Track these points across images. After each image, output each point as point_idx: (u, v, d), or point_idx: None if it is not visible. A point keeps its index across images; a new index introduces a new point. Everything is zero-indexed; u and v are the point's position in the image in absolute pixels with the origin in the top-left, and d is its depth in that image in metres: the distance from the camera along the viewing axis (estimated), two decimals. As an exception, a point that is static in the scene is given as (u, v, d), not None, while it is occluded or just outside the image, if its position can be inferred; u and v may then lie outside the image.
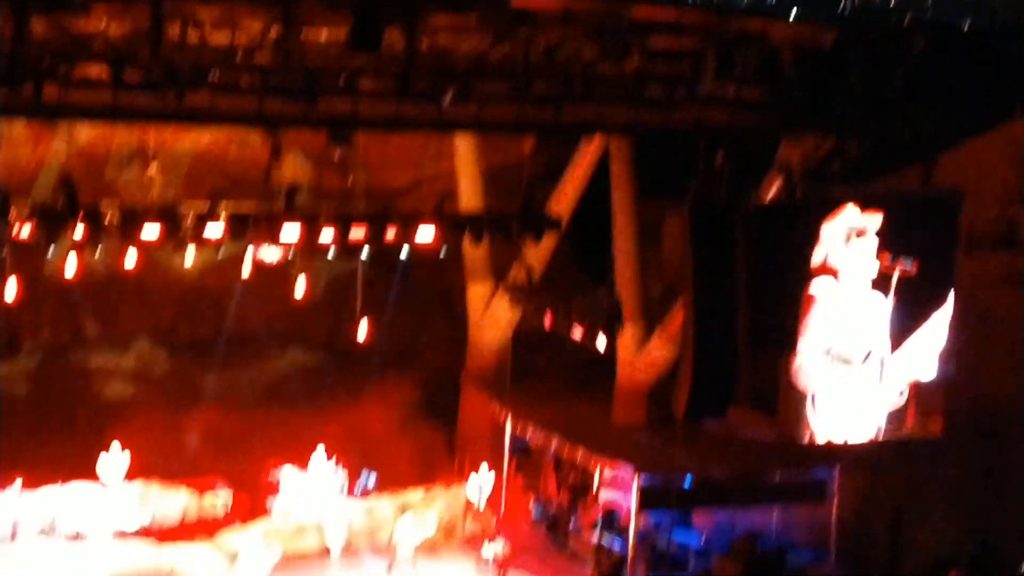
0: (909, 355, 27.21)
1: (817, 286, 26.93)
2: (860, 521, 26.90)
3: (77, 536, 26.33)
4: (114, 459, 27.68)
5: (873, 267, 26.86)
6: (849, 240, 26.77)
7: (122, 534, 26.38)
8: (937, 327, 27.19)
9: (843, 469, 27.28)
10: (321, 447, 29.50)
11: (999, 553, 26.04)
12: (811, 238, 26.76)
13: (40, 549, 25.12)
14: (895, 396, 27.20)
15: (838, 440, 27.16)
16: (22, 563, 24.85)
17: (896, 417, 27.27)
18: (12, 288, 24.40)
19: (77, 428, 29.60)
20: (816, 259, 26.81)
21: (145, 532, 26.87)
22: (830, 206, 26.78)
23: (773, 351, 27.23)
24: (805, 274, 26.90)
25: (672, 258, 30.47)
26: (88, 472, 27.63)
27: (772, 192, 28.01)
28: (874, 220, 26.77)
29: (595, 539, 27.32)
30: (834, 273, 26.93)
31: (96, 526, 26.46)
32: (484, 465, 29.94)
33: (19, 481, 26.79)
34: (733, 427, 27.68)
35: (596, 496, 29.27)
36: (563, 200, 30.96)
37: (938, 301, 27.06)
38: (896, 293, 26.77)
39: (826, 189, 27.65)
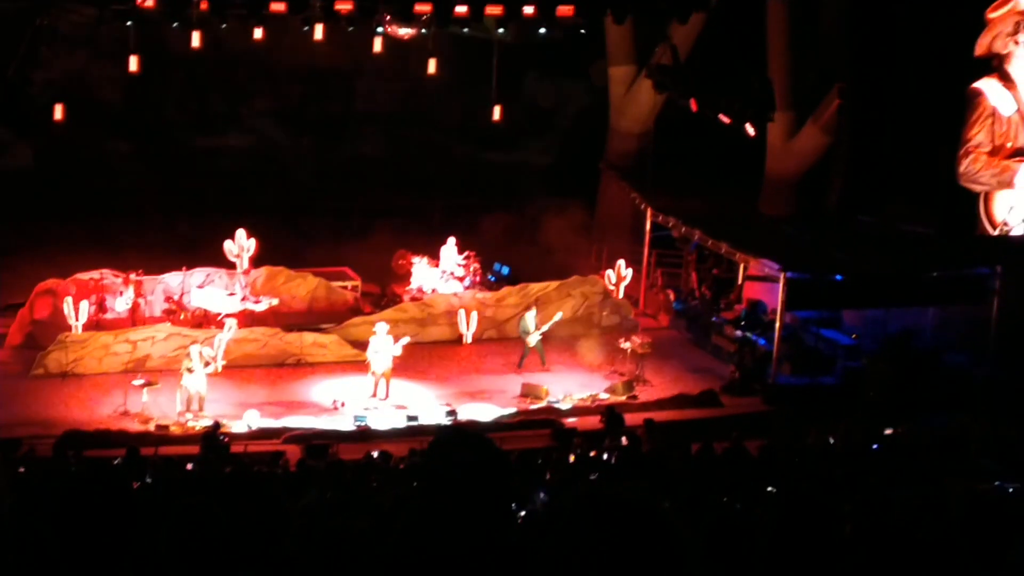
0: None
1: (982, 84, 26.90)
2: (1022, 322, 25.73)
3: (204, 318, 26.39)
4: (240, 244, 27.55)
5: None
6: (1017, 31, 26.58)
7: (249, 319, 26.33)
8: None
9: (1007, 267, 26.16)
10: (452, 238, 29.22)
11: None
12: (977, 26, 26.56)
13: (167, 330, 25.19)
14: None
15: (1003, 236, 27.13)
16: (151, 342, 24.96)
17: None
18: (135, 63, 24.37)
19: (203, 211, 29.77)
20: (981, 50, 26.74)
21: (272, 318, 26.81)
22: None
23: (935, 143, 27.19)
24: (970, 64, 26.79)
25: (829, 41, 29.81)
26: (214, 257, 27.60)
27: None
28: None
29: (738, 335, 26.74)
30: (1000, 67, 26.83)
31: (223, 308, 26.42)
32: (622, 258, 29.59)
33: (141, 270, 26.79)
34: (889, 221, 27.48)
35: (740, 291, 28.84)
36: (713, -24, 29.86)
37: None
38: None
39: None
